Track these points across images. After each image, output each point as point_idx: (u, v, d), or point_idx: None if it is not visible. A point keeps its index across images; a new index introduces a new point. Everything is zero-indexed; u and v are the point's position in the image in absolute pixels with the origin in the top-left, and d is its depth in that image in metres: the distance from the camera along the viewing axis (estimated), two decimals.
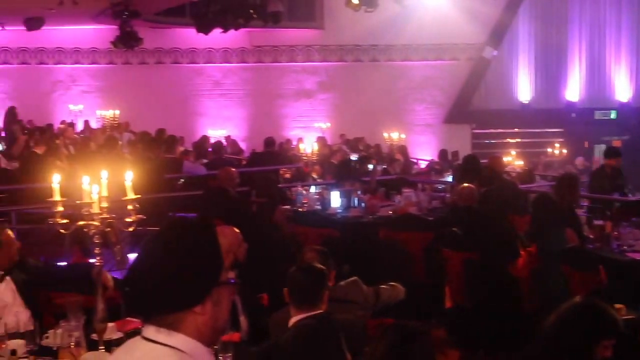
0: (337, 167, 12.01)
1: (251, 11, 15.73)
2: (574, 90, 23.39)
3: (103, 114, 18.51)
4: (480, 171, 9.44)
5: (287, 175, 12.95)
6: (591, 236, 7.62)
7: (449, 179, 12.37)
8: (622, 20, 23.52)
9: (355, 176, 10.77)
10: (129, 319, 4.63)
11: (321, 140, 17.82)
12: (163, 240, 2.17)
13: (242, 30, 17.66)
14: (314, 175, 12.95)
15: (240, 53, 21.17)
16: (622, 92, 23.49)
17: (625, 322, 4.44)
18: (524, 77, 23.30)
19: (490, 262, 7.03)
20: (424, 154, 19.81)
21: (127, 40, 16.30)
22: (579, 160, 18.12)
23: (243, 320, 4.77)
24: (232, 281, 2.22)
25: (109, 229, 4.47)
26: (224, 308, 2.18)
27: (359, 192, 9.84)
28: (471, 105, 22.55)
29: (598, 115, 23.20)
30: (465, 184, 8.22)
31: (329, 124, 20.86)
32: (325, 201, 9.61)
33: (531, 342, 3.89)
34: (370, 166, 12.45)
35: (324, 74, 21.83)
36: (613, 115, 23.27)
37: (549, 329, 3.81)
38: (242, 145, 19.24)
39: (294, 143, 18.50)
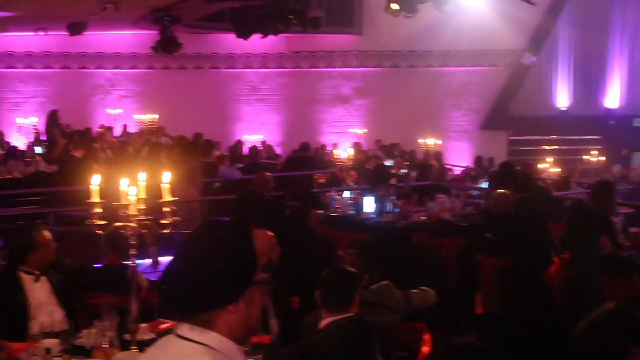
0: (371, 172, 12.03)
1: (291, 17, 15.80)
2: (613, 97, 23.14)
3: (141, 118, 18.70)
4: (516, 178, 9.39)
5: (322, 181, 12.99)
6: (626, 243, 7.56)
7: (484, 185, 12.33)
8: None
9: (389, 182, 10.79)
10: (161, 320, 4.70)
11: (357, 145, 17.85)
12: (199, 240, 2.24)
13: (281, 36, 17.75)
14: (350, 182, 12.97)
15: (278, 58, 21.27)
16: None
17: None
18: (563, 84, 23.12)
19: (524, 268, 7.01)
20: (460, 160, 19.75)
21: (167, 46, 16.45)
22: (617, 168, 17.96)
23: (274, 322, 4.82)
24: (265, 281, 2.27)
25: (145, 231, 4.54)
26: (256, 307, 2.24)
27: (392, 198, 9.85)
28: (509, 112, 22.42)
29: (637, 122, 22.94)
30: (501, 190, 8.19)
31: (365, 130, 20.87)
32: (358, 206, 9.63)
33: (562, 349, 3.88)
34: (404, 171, 12.46)
35: (361, 79, 21.86)
36: None
37: (579, 335, 3.76)
38: (278, 150, 19.34)
39: (330, 148, 18.54)
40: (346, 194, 10.45)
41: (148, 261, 5.86)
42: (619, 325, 3.65)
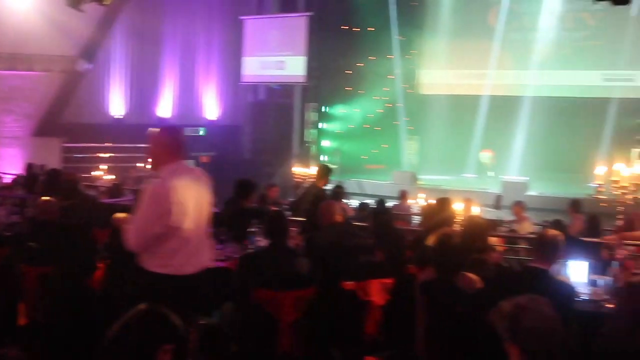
0: None
1: None
2: (166, 107, 24.10)
3: None
4: (62, 185, 9.35)
5: None
6: None
7: None
8: (213, 43, 24.77)
9: None
10: None
11: None
12: None
13: None
14: None
15: None
16: (211, 110, 24.75)
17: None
18: (118, 93, 23.47)
19: (67, 275, 7.01)
20: (12, 168, 19.02)
21: None
22: None
23: None
24: None
25: None
26: None
27: None
28: (62, 119, 22.14)
29: (188, 131, 24.20)
30: (45, 198, 8.09)
31: None
32: None
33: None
34: None
35: None
36: (202, 132, 24.47)
37: (111, 335, 3.87)
38: None
39: None
40: None
41: None
42: (147, 325, 3.84)
